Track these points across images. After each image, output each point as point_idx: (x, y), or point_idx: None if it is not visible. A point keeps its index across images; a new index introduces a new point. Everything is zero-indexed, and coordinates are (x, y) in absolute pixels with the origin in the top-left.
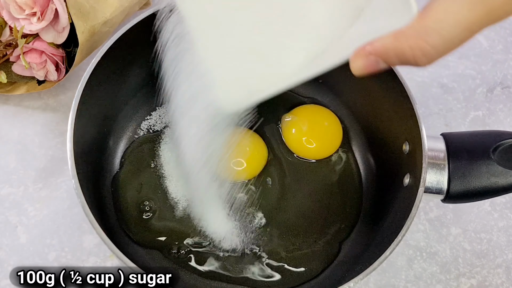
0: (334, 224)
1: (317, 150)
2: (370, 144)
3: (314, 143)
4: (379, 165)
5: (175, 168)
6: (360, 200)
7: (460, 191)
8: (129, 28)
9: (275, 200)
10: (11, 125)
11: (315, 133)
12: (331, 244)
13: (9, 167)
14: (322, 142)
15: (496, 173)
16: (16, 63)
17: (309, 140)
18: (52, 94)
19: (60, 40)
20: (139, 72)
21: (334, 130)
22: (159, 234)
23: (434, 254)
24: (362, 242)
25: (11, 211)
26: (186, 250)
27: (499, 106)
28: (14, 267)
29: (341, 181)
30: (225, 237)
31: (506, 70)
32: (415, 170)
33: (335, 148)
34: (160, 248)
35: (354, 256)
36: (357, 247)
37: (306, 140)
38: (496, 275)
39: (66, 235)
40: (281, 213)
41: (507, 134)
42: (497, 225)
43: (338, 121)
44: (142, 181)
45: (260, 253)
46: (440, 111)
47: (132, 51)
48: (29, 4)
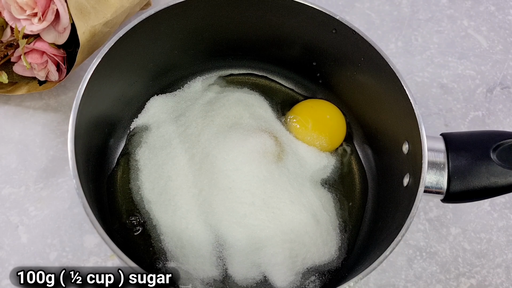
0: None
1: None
2: (370, 144)
3: (321, 137)
4: (379, 165)
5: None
6: (364, 201)
7: (459, 191)
8: (130, 28)
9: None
10: (12, 125)
11: (321, 127)
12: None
13: (10, 167)
14: (328, 134)
15: (496, 173)
16: (17, 63)
17: (316, 134)
18: (53, 95)
19: (61, 41)
20: (140, 73)
21: (338, 120)
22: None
23: (434, 254)
24: (362, 242)
25: (12, 211)
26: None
27: (499, 106)
28: (15, 267)
29: (341, 181)
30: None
31: (505, 70)
32: (415, 170)
33: (341, 140)
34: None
35: (354, 256)
36: (357, 246)
37: (313, 135)
38: (496, 275)
39: (67, 235)
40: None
41: (507, 134)
42: (496, 225)
43: (339, 111)
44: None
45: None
46: (440, 111)
47: (133, 51)
48: (30, 4)
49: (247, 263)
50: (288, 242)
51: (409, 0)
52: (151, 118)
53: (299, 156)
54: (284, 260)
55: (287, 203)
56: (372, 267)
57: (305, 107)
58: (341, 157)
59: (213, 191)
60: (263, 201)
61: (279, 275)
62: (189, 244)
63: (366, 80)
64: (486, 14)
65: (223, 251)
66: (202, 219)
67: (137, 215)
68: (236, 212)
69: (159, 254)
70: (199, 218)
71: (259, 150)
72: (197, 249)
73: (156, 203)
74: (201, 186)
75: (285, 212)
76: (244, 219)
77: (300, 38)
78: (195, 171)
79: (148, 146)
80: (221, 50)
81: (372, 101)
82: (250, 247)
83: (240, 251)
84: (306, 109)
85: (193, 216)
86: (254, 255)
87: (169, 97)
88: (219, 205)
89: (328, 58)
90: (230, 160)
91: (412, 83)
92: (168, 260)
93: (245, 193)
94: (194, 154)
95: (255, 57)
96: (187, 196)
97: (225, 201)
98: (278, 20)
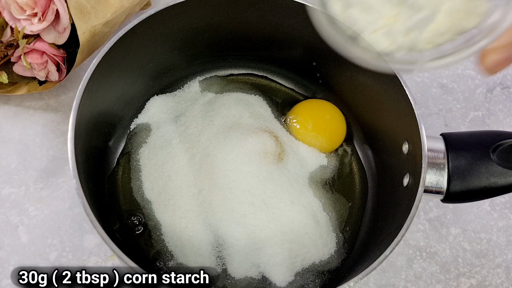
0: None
1: (325, 143)
2: (370, 144)
3: (321, 137)
4: (379, 165)
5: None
6: (364, 201)
7: (459, 191)
8: (130, 28)
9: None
10: (12, 126)
11: (321, 127)
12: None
13: (10, 167)
14: (328, 134)
15: (495, 173)
16: (17, 63)
17: (316, 135)
18: (53, 95)
19: (61, 41)
20: (140, 73)
21: (338, 121)
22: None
23: (434, 254)
24: (362, 242)
25: (12, 211)
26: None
27: (499, 106)
28: (15, 267)
29: (341, 181)
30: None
31: (505, 70)
32: (414, 170)
33: (341, 140)
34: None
35: (354, 256)
36: (357, 247)
37: (313, 135)
38: (496, 275)
39: (67, 235)
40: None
41: (506, 134)
42: (496, 225)
43: (339, 111)
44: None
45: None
46: (440, 111)
47: (133, 51)
48: (30, 4)
49: (246, 263)
50: (287, 243)
51: None
52: (151, 118)
53: (299, 157)
54: (284, 260)
55: (287, 203)
56: (372, 267)
57: (305, 107)
58: (341, 158)
59: (213, 191)
60: (263, 201)
61: (278, 275)
62: (188, 243)
63: (366, 80)
64: None
65: (223, 251)
66: (201, 218)
67: (139, 215)
68: (235, 212)
69: (159, 254)
70: (199, 217)
71: (259, 151)
72: (196, 248)
73: (156, 202)
74: (201, 186)
75: (285, 213)
76: (244, 219)
77: (300, 38)
78: (195, 171)
79: (148, 146)
80: (221, 50)
81: (372, 101)
82: (249, 247)
83: (240, 251)
84: (306, 109)
85: (193, 216)
86: (254, 255)
87: (169, 97)
88: (219, 205)
89: (328, 58)
90: (230, 160)
91: (412, 83)
92: (168, 260)
93: (245, 193)
94: (194, 154)
95: (255, 57)
96: (186, 195)
97: (224, 201)
98: (278, 20)
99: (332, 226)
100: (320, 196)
